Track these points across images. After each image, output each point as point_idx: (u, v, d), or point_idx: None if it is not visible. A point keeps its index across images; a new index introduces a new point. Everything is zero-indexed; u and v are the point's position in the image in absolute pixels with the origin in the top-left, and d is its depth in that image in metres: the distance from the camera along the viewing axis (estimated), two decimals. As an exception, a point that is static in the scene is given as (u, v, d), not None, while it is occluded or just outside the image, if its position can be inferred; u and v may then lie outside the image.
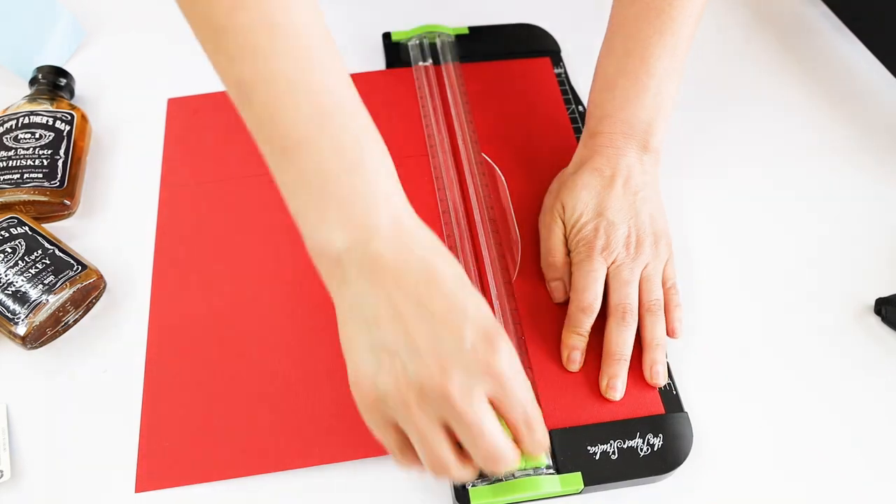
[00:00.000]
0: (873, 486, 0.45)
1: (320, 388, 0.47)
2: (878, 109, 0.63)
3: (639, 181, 0.50)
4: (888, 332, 0.51)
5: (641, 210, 0.49)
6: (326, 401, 0.46)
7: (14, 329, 0.46)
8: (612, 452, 0.44)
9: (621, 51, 0.52)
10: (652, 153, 0.51)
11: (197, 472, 0.44)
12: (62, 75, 0.59)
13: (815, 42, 0.68)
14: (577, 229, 0.50)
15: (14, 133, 0.54)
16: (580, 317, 0.48)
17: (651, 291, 0.48)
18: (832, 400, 0.48)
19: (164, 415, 0.46)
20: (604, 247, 0.48)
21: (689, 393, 0.47)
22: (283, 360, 0.48)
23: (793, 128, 0.62)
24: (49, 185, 0.53)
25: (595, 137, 0.52)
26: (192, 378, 0.47)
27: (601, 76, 0.53)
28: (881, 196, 0.58)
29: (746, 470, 0.45)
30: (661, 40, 0.50)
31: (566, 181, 0.52)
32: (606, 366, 0.47)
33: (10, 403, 0.46)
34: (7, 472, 0.43)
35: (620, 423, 0.45)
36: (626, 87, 0.51)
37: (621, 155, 0.50)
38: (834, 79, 0.65)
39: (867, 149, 0.61)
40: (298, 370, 0.47)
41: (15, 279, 0.47)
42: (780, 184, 0.58)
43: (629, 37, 0.51)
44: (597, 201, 0.50)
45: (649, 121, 0.50)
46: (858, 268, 0.54)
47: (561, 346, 0.48)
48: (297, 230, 0.38)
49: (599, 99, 0.52)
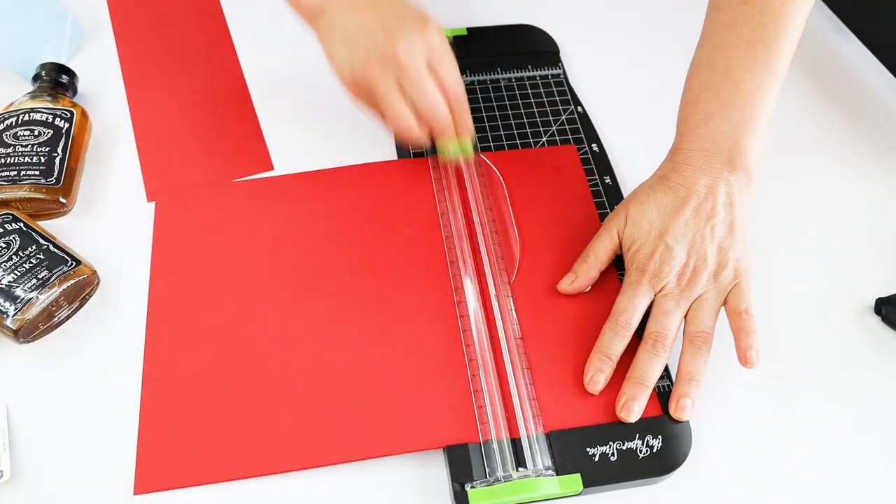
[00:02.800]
0: (873, 486, 0.45)
1: (320, 388, 0.46)
2: (878, 109, 0.63)
3: (718, 204, 0.47)
4: (888, 332, 0.51)
5: (709, 237, 0.47)
6: (326, 402, 0.46)
7: (6, 322, 0.46)
8: (612, 454, 0.44)
9: (706, 63, 0.49)
10: (741, 173, 0.47)
11: (196, 474, 0.44)
12: (65, 72, 0.59)
13: (815, 42, 0.68)
14: (634, 249, 0.48)
15: (14, 130, 0.54)
16: (611, 338, 0.46)
17: (697, 322, 0.46)
18: (832, 400, 0.48)
19: (163, 416, 0.45)
20: (655, 273, 0.47)
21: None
22: (283, 360, 0.48)
23: (792, 128, 0.62)
24: (45, 183, 0.53)
25: (676, 154, 0.49)
26: (190, 378, 0.47)
27: (687, 90, 0.50)
28: (881, 196, 0.58)
29: (745, 470, 0.45)
30: (750, 51, 0.47)
31: (638, 194, 0.50)
32: (627, 386, 0.45)
33: (10, 404, 0.46)
34: (7, 472, 0.43)
35: (619, 424, 0.45)
36: (710, 100, 0.48)
37: (701, 174, 0.47)
38: (834, 79, 0.65)
39: (867, 149, 0.61)
40: (298, 370, 0.47)
41: (8, 274, 0.47)
42: (779, 184, 0.58)
43: (715, 48, 0.49)
44: (661, 223, 0.47)
45: (736, 137, 0.47)
46: (858, 268, 0.54)
47: (586, 365, 0.47)
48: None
49: (683, 114, 0.50)
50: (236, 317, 0.50)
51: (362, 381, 0.46)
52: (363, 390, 0.46)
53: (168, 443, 0.45)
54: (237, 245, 0.53)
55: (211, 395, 0.46)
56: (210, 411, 0.46)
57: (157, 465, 0.44)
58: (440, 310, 0.50)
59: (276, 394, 0.46)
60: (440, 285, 0.51)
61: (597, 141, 0.60)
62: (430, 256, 0.52)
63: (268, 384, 0.47)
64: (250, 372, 0.47)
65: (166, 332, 0.49)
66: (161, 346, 0.48)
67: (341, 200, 0.55)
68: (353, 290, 0.51)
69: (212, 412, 0.46)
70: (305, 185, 0.56)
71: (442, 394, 0.46)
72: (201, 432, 0.45)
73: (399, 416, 0.45)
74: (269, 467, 0.44)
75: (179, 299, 0.50)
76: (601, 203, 0.56)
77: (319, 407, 0.46)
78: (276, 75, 0.64)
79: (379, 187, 0.56)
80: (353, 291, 0.51)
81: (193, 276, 0.51)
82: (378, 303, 0.50)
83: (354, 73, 0.50)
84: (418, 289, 0.51)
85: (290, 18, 0.55)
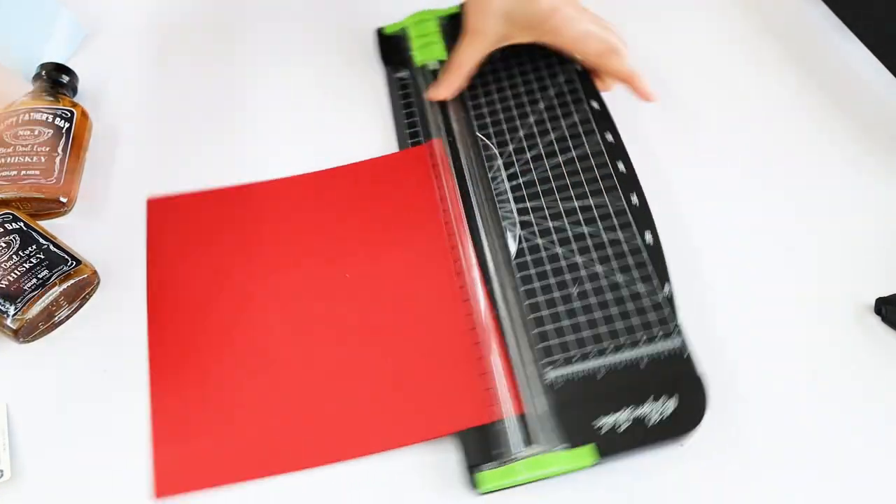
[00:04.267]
0: (874, 485, 0.45)
1: (330, 384, 0.47)
2: (878, 109, 0.63)
3: None
4: (888, 332, 0.51)
5: None
6: (336, 397, 0.46)
7: (6, 322, 0.46)
8: (625, 422, 0.44)
9: None
10: None
11: (215, 474, 0.44)
12: (65, 72, 0.59)
13: (815, 42, 0.68)
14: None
15: (14, 130, 0.54)
16: None
17: None
18: (832, 400, 0.48)
19: (175, 418, 0.46)
20: None
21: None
22: (291, 357, 0.48)
23: (792, 127, 0.62)
24: (45, 183, 0.53)
25: None
26: (199, 379, 0.47)
27: None
28: (881, 196, 0.58)
29: (744, 470, 0.45)
30: None
31: None
32: None
33: (10, 404, 0.46)
34: (7, 472, 0.43)
35: (630, 388, 0.45)
36: None
37: None
38: (834, 79, 0.65)
39: (867, 149, 0.61)
40: (307, 367, 0.47)
41: (8, 274, 0.47)
42: (779, 183, 0.58)
43: None
44: None
45: None
46: (858, 268, 0.54)
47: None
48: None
49: None
50: (240, 316, 0.50)
51: (372, 375, 0.47)
52: (373, 384, 0.46)
53: (184, 445, 0.45)
54: (235, 247, 0.53)
55: (222, 394, 0.47)
56: (223, 411, 0.46)
57: (176, 469, 0.44)
58: (444, 294, 0.50)
59: (287, 391, 0.46)
60: (443, 271, 0.51)
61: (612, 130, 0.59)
62: (431, 243, 0.52)
63: (277, 381, 0.47)
64: (259, 370, 0.47)
65: (170, 332, 0.49)
66: (165, 348, 0.48)
67: (339, 198, 0.55)
68: (356, 285, 0.51)
69: (224, 412, 0.46)
70: (300, 186, 0.56)
71: (451, 379, 0.46)
72: (216, 432, 0.45)
73: (411, 406, 0.46)
74: (287, 465, 0.44)
75: (179, 302, 0.50)
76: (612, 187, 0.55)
77: (330, 403, 0.46)
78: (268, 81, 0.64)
79: (375, 182, 0.56)
80: (356, 286, 0.51)
81: (191, 278, 0.51)
82: (381, 296, 0.50)
83: None
84: (421, 277, 0.51)
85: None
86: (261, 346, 0.48)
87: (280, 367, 0.47)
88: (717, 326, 0.50)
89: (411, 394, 0.46)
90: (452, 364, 0.47)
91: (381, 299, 0.50)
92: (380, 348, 0.48)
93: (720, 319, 0.51)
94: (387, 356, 0.47)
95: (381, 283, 0.51)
